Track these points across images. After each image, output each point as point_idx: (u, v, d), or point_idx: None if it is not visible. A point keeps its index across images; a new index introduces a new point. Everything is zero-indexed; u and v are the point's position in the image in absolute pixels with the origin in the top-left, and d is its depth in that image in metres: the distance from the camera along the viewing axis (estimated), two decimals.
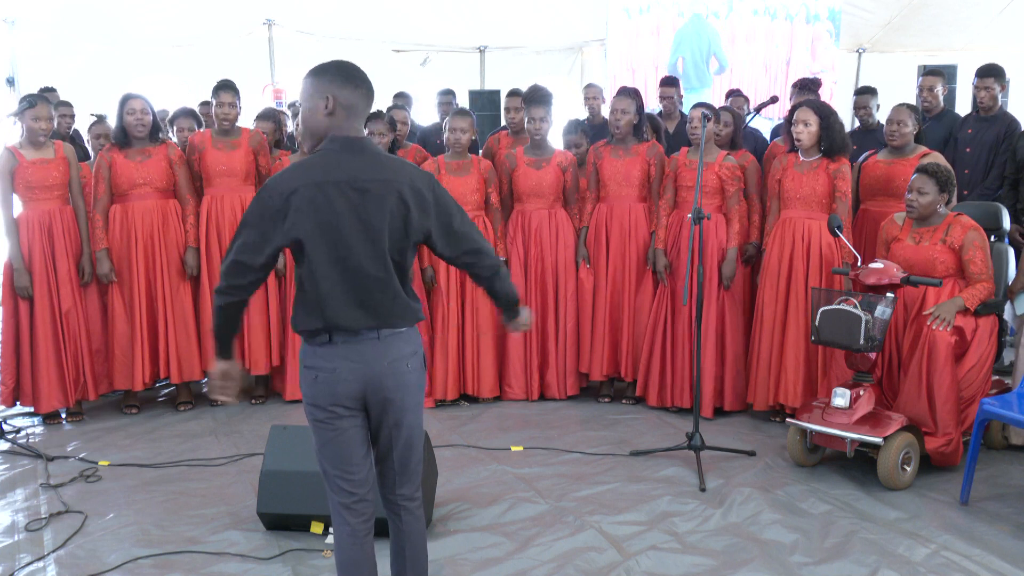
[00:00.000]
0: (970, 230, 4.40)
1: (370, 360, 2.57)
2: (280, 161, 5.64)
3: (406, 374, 2.63)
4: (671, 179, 5.37)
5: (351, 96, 2.57)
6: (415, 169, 2.65)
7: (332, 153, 2.56)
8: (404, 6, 9.36)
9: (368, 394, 2.60)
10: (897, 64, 9.73)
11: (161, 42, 9.07)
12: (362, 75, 2.62)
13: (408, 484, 2.74)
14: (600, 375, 5.64)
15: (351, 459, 2.64)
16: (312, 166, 2.53)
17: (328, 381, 2.57)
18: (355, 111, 2.59)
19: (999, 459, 4.59)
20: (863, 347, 4.20)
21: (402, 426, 2.67)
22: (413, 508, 2.76)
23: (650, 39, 9.47)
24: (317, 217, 2.49)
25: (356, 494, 2.65)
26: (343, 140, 2.57)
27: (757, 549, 3.64)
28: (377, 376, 2.58)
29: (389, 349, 2.59)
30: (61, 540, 3.77)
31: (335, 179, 2.50)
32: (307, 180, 2.50)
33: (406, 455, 2.71)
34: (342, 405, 2.58)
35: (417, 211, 2.56)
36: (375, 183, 2.52)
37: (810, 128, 4.87)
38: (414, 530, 2.77)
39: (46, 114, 5.14)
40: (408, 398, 2.65)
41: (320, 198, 2.49)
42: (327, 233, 2.50)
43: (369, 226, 2.52)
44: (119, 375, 5.42)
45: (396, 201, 2.53)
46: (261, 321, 5.60)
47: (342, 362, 2.56)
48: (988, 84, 5.99)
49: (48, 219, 5.21)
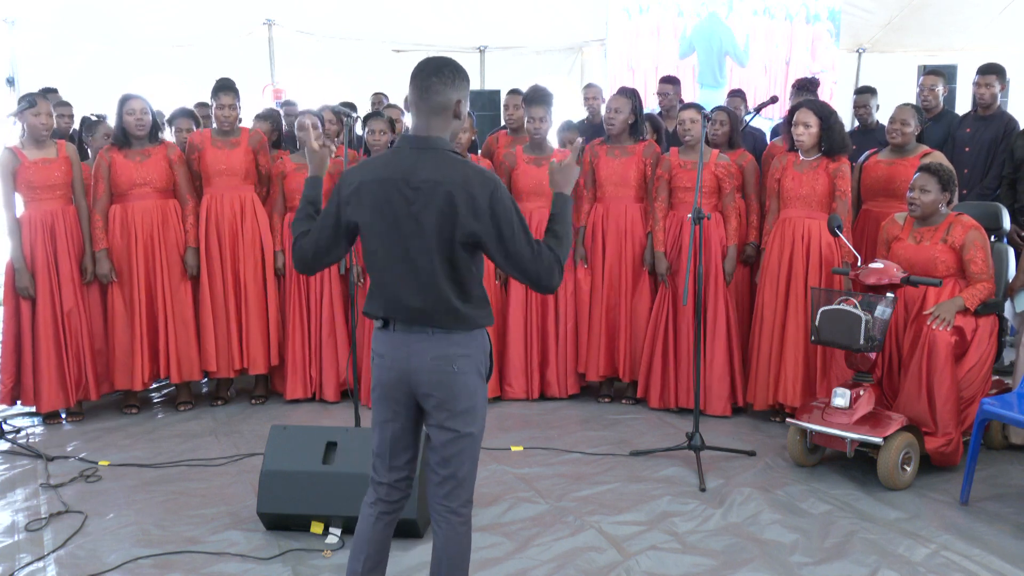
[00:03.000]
0: (971, 229, 4.40)
1: (414, 352, 2.61)
2: (280, 160, 5.65)
3: (450, 374, 2.60)
4: (664, 180, 5.36)
5: (410, 91, 2.66)
6: (478, 173, 2.58)
7: (396, 151, 2.67)
8: (404, 6, 9.36)
9: (411, 387, 2.65)
10: (897, 64, 9.73)
11: (161, 42, 9.06)
12: (422, 68, 2.64)
13: (453, 498, 2.67)
14: (597, 376, 5.64)
15: (383, 448, 2.75)
16: (377, 162, 2.67)
17: (378, 365, 2.69)
18: (414, 106, 2.65)
19: (999, 459, 4.59)
20: (863, 347, 4.20)
21: (447, 430, 2.63)
22: (456, 524, 2.68)
23: (650, 39, 9.46)
24: (374, 211, 2.61)
25: (385, 479, 2.77)
26: (410, 138, 2.66)
27: (757, 549, 3.64)
28: (417, 370, 2.61)
29: (435, 346, 2.61)
30: (61, 540, 3.77)
31: (392, 176, 2.60)
32: (369, 176, 2.63)
33: (449, 463, 2.65)
34: (389, 395, 2.68)
35: (466, 213, 2.54)
36: (427, 182, 2.56)
37: (811, 129, 4.87)
38: (453, 544, 2.68)
39: (47, 110, 5.14)
40: (451, 401, 2.61)
41: (379, 193, 2.60)
42: (382, 227, 2.60)
43: (420, 224, 2.56)
44: (119, 375, 5.42)
45: (445, 201, 2.54)
46: (260, 321, 5.59)
47: (390, 350, 2.65)
48: (989, 81, 6.00)
49: (51, 219, 5.21)
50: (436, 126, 2.63)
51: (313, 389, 5.69)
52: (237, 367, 5.58)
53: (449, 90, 2.61)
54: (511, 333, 5.63)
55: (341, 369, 5.65)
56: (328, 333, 5.61)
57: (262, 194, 5.70)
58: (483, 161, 5.64)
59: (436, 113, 2.61)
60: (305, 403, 5.65)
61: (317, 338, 5.63)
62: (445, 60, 2.65)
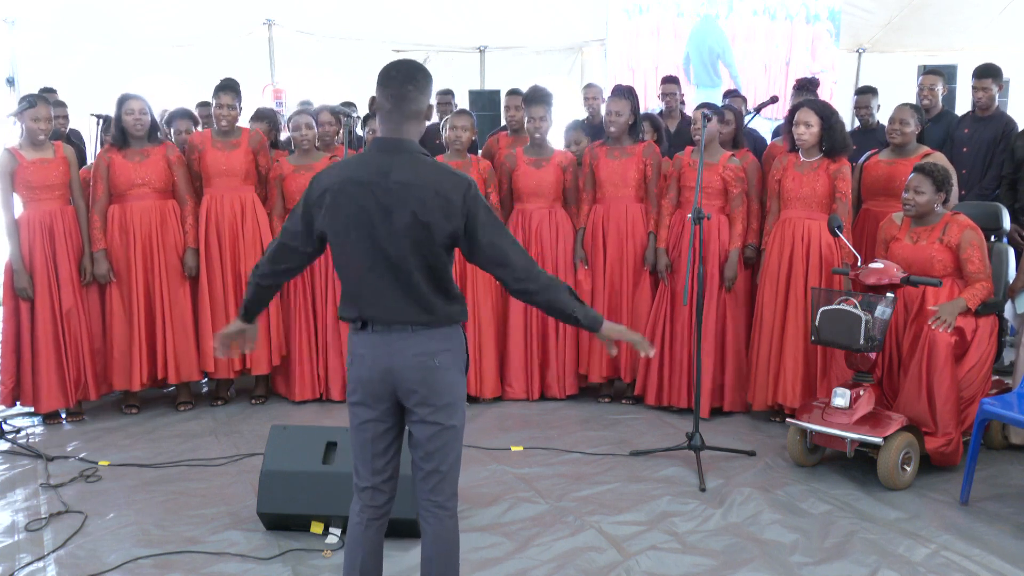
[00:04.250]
0: (967, 229, 4.40)
1: (396, 351, 2.62)
2: (278, 162, 5.64)
3: (433, 370, 2.63)
4: (675, 179, 5.36)
5: (380, 97, 2.65)
6: (450, 174, 2.62)
7: (368, 153, 2.67)
8: (404, 6, 9.36)
9: (395, 386, 2.65)
10: (897, 64, 9.74)
11: (161, 42, 9.07)
12: (393, 75, 2.63)
13: (438, 492, 2.71)
14: (599, 377, 5.64)
15: (365, 451, 2.73)
16: (348, 165, 2.65)
17: (357, 366, 2.68)
18: (383, 111, 2.64)
19: (999, 459, 4.60)
20: (863, 347, 4.20)
21: (429, 423, 2.66)
22: (444, 517, 2.73)
23: (650, 39, 9.46)
24: (346, 213, 2.59)
25: (368, 482, 2.75)
26: (380, 141, 2.66)
27: (757, 549, 3.64)
28: (400, 368, 2.62)
29: (417, 343, 2.62)
30: (61, 540, 3.77)
31: (365, 179, 2.59)
32: (341, 177, 2.61)
33: (433, 457, 2.69)
34: (369, 395, 2.67)
35: (441, 215, 2.57)
36: (399, 184, 2.57)
37: (811, 129, 4.87)
38: (441, 539, 2.72)
39: (45, 114, 5.14)
40: (434, 396, 2.64)
41: (350, 196, 2.58)
42: (356, 230, 2.59)
43: (393, 225, 2.57)
44: (117, 375, 5.41)
45: (418, 203, 2.56)
46: (262, 320, 5.58)
47: (370, 350, 2.65)
48: (986, 85, 6.00)
49: (49, 219, 5.20)
50: (409, 130, 2.65)
51: (320, 389, 5.69)
52: (237, 367, 5.58)
53: (423, 97, 2.65)
54: (511, 333, 5.63)
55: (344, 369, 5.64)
56: (333, 333, 5.61)
57: (262, 195, 5.69)
58: (483, 162, 5.64)
59: (409, 119, 2.64)
60: (304, 403, 5.64)
61: (323, 338, 5.64)
62: (416, 65, 2.68)
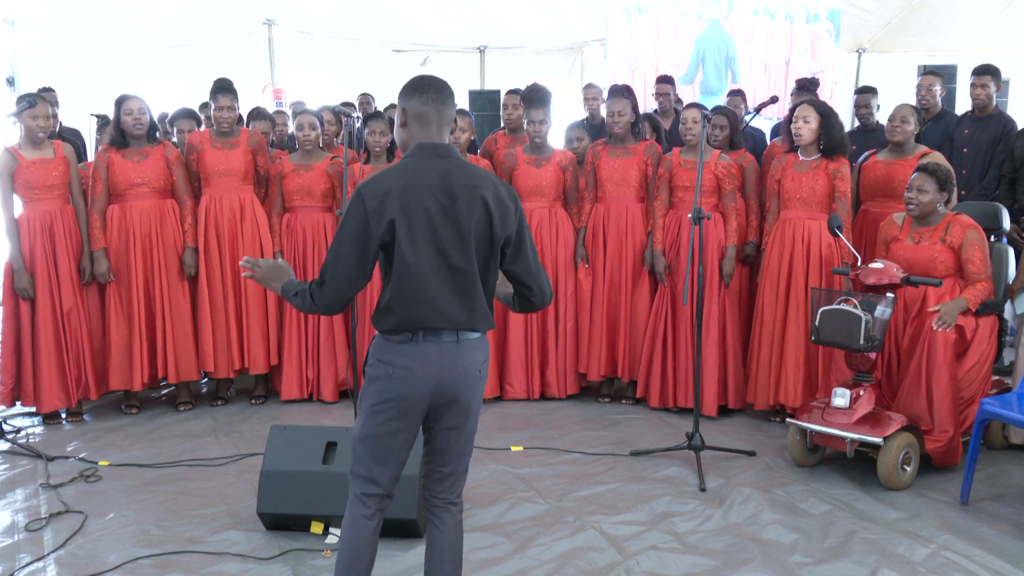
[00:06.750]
0: (969, 229, 4.40)
1: (446, 364, 2.63)
2: (280, 160, 5.64)
3: (477, 380, 2.71)
4: (665, 179, 5.36)
5: (418, 106, 2.66)
6: (502, 182, 2.73)
7: (420, 158, 2.66)
8: (404, 6, 9.36)
9: (436, 396, 2.65)
10: (897, 64, 9.73)
11: (161, 42, 9.06)
12: (432, 84, 2.70)
13: (453, 490, 2.79)
14: (598, 375, 5.64)
15: (389, 459, 2.70)
16: (402, 170, 2.63)
17: (402, 379, 2.61)
18: (427, 119, 2.67)
19: (999, 459, 4.60)
20: (863, 347, 4.20)
21: (462, 430, 2.73)
22: (456, 513, 2.80)
23: (650, 39, 9.47)
24: (410, 216, 2.57)
25: (384, 489, 2.72)
26: (430, 147, 2.67)
27: (757, 549, 3.64)
28: (450, 380, 2.64)
29: (465, 354, 2.66)
30: (61, 540, 3.77)
31: (425, 182, 2.59)
32: (400, 182, 2.59)
33: (459, 459, 2.77)
34: (410, 408, 2.63)
35: (500, 218, 2.63)
36: (462, 187, 2.60)
37: (810, 125, 4.87)
38: (456, 533, 2.80)
39: (44, 113, 5.14)
40: (474, 404, 2.73)
41: (413, 199, 2.57)
42: (420, 233, 2.57)
43: (459, 228, 2.59)
44: (117, 375, 5.41)
45: (482, 206, 2.61)
46: (260, 321, 5.59)
47: (419, 363, 2.61)
48: (985, 82, 6.00)
49: (49, 219, 5.20)
50: (447, 137, 2.73)
51: (310, 389, 5.68)
52: (237, 367, 5.58)
53: (454, 104, 2.77)
54: (511, 333, 5.63)
55: (339, 369, 5.65)
56: (326, 333, 5.61)
57: (261, 195, 5.69)
58: (482, 162, 5.64)
59: (446, 124, 2.71)
60: (303, 403, 5.64)
61: (315, 338, 5.63)
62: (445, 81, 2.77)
